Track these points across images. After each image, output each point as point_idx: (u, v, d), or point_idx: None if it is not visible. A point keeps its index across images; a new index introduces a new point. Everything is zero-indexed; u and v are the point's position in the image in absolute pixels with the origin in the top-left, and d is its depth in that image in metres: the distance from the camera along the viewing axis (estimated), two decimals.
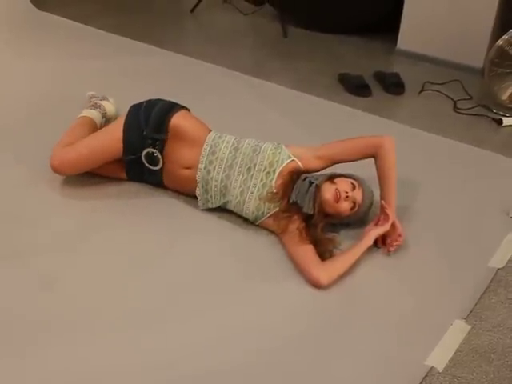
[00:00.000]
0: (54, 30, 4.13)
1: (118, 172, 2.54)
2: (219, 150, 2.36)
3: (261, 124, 3.07)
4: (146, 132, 2.40)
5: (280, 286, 2.13)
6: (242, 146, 2.36)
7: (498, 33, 3.50)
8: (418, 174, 2.71)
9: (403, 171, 2.37)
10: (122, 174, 2.54)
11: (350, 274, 2.16)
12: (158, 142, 2.40)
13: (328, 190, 2.22)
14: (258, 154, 2.33)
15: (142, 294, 2.06)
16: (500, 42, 3.35)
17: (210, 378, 1.78)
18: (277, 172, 2.29)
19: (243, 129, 2.64)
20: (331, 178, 2.27)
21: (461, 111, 3.44)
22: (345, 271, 2.15)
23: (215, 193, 2.35)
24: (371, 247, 2.24)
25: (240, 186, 2.31)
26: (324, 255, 2.18)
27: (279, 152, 2.33)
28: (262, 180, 2.29)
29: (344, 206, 2.23)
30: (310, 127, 3.07)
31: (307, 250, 2.17)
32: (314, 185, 2.23)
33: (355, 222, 2.34)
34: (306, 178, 2.27)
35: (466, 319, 2.03)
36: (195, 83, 3.50)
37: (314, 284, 2.10)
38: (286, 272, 2.17)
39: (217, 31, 4.48)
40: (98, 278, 2.11)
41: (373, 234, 2.24)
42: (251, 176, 2.31)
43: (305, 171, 2.32)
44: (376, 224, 2.28)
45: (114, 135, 2.43)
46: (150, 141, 2.40)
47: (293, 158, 2.33)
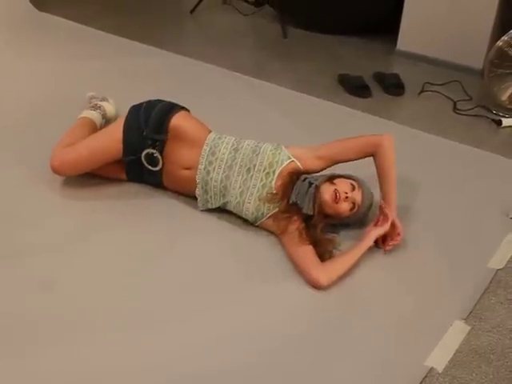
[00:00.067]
0: (54, 31, 4.14)
1: (118, 173, 2.54)
2: (219, 150, 2.36)
3: (261, 125, 3.07)
4: (146, 133, 2.40)
5: (280, 287, 2.13)
6: (241, 147, 2.36)
7: (497, 34, 3.50)
8: (417, 174, 2.71)
9: (403, 172, 2.37)
10: (122, 174, 2.54)
11: (349, 275, 2.16)
12: (157, 143, 2.40)
13: (327, 191, 2.22)
14: (257, 155, 2.33)
15: (141, 294, 2.06)
16: (500, 43, 3.36)
17: (209, 379, 1.78)
18: (276, 173, 2.29)
19: (243, 129, 2.64)
20: (331, 179, 2.27)
21: (460, 112, 3.44)
22: (345, 272, 2.15)
23: (215, 193, 2.35)
24: (371, 247, 2.25)
25: (240, 187, 2.31)
26: (324, 256, 2.18)
27: (279, 153, 2.33)
28: (261, 181, 2.30)
29: (343, 207, 2.23)
30: (310, 128, 3.07)
31: (307, 251, 2.17)
32: (313, 185, 2.23)
33: (355, 222, 2.34)
34: (305, 179, 2.27)
35: (465, 320, 2.03)
36: (195, 84, 3.50)
37: (314, 285, 2.10)
38: (286, 273, 2.17)
39: (217, 32, 4.48)
40: (98, 278, 2.11)
41: (373, 234, 2.24)
42: (251, 177, 2.31)
43: (304, 172, 2.33)
44: (375, 224, 2.28)
45: (113, 136, 2.43)
46: (149, 141, 2.40)
47: (292, 158, 2.33)
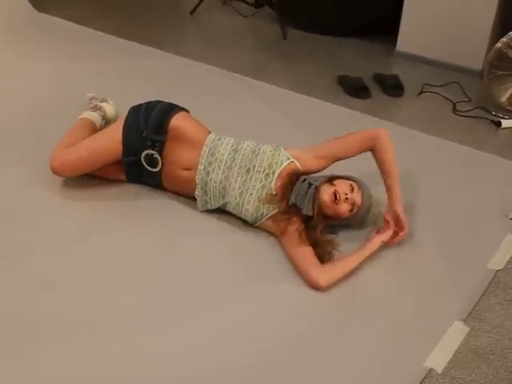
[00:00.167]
0: (53, 32, 4.13)
1: (118, 174, 2.54)
2: (218, 151, 2.36)
3: (260, 125, 3.07)
4: (146, 133, 2.40)
5: (279, 288, 2.13)
6: (241, 148, 2.36)
7: (497, 35, 3.50)
8: (416, 175, 2.71)
9: (402, 173, 2.36)
10: (122, 175, 2.54)
11: (348, 275, 2.16)
12: (157, 144, 2.40)
13: (327, 192, 2.22)
14: (257, 156, 2.33)
15: (141, 294, 2.06)
16: (499, 45, 3.36)
17: (209, 379, 1.78)
18: (276, 173, 2.29)
19: (243, 130, 2.64)
20: (330, 180, 2.27)
21: (460, 113, 3.44)
22: (345, 275, 2.14)
23: (214, 194, 2.35)
24: (374, 253, 2.23)
25: (239, 188, 2.31)
26: (323, 257, 2.18)
27: (278, 154, 2.33)
28: (261, 181, 2.30)
29: (343, 208, 2.23)
30: (310, 129, 3.07)
31: (306, 252, 2.17)
32: (313, 186, 2.23)
33: (354, 223, 2.35)
34: (305, 180, 2.27)
35: (465, 321, 2.04)
36: (195, 85, 3.50)
37: (313, 286, 2.10)
38: (285, 273, 2.17)
39: (216, 33, 4.48)
40: (98, 278, 2.11)
41: (377, 240, 2.24)
42: (250, 177, 2.31)
43: (304, 172, 2.33)
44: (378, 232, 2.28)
45: (113, 137, 2.43)
46: (149, 142, 2.40)
47: (292, 159, 2.33)
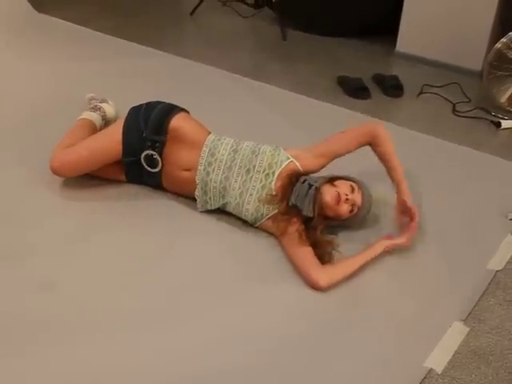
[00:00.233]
0: (53, 32, 4.13)
1: (118, 174, 2.54)
2: (218, 151, 2.36)
3: (260, 126, 3.07)
4: (146, 134, 2.40)
5: (279, 288, 2.13)
6: (240, 148, 2.36)
7: (496, 36, 3.50)
8: (416, 176, 2.70)
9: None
10: (122, 176, 2.54)
11: (350, 277, 2.16)
12: (157, 144, 2.40)
13: (328, 193, 2.22)
14: (256, 156, 2.33)
15: (141, 295, 2.06)
16: (499, 45, 3.36)
17: (209, 379, 1.78)
18: (276, 174, 2.29)
19: (242, 131, 2.64)
20: (331, 181, 2.27)
21: (459, 114, 3.44)
22: (346, 277, 2.14)
23: (214, 194, 2.35)
24: (378, 256, 2.23)
25: (239, 188, 2.31)
26: (323, 257, 2.18)
27: (278, 154, 2.33)
28: (261, 182, 2.30)
29: (344, 209, 2.23)
30: (310, 129, 3.06)
31: (306, 253, 2.17)
32: (313, 187, 2.22)
33: (354, 224, 2.35)
34: (305, 181, 2.26)
35: (464, 321, 2.04)
36: (195, 85, 3.50)
37: (313, 286, 2.10)
38: (285, 274, 2.17)
39: (216, 34, 4.48)
40: (98, 278, 2.11)
41: (382, 244, 2.23)
42: (250, 178, 2.31)
43: (304, 173, 2.33)
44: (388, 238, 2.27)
45: (113, 137, 2.43)
46: (149, 143, 2.40)
47: (291, 159, 2.33)
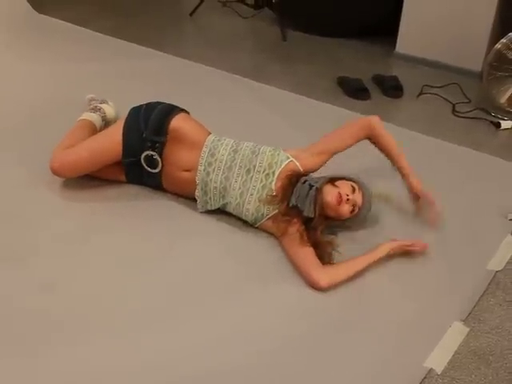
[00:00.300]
0: (52, 33, 4.13)
1: (118, 175, 2.54)
2: (218, 152, 2.36)
3: (260, 127, 3.07)
4: (146, 134, 2.40)
5: (279, 288, 2.13)
6: (240, 149, 2.36)
7: (496, 36, 3.51)
8: (416, 176, 2.71)
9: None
10: (122, 176, 2.54)
11: (351, 279, 2.16)
12: (157, 145, 2.40)
13: (330, 193, 2.22)
14: (256, 156, 2.33)
15: (141, 295, 2.06)
16: (498, 46, 3.36)
17: (210, 379, 1.79)
18: (276, 173, 2.29)
19: (242, 132, 2.64)
20: (332, 181, 2.27)
21: (459, 114, 3.45)
22: (348, 277, 2.13)
23: (214, 194, 2.35)
24: (381, 259, 2.22)
25: (239, 188, 2.31)
26: (323, 258, 2.18)
27: (278, 154, 2.33)
28: (261, 182, 2.30)
29: (345, 209, 2.23)
30: (309, 130, 3.05)
31: (307, 253, 2.17)
32: (314, 188, 2.22)
33: (355, 224, 2.35)
34: (305, 181, 2.26)
35: (464, 321, 2.04)
36: (194, 86, 3.50)
37: (314, 286, 2.10)
38: (286, 274, 2.18)
39: (216, 34, 4.49)
40: (98, 279, 2.11)
41: (387, 246, 2.22)
42: (251, 178, 2.31)
43: (304, 173, 2.33)
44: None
45: (113, 138, 2.43)
46: (149, 143, 2.40)
47: (291, 158, 2.33)
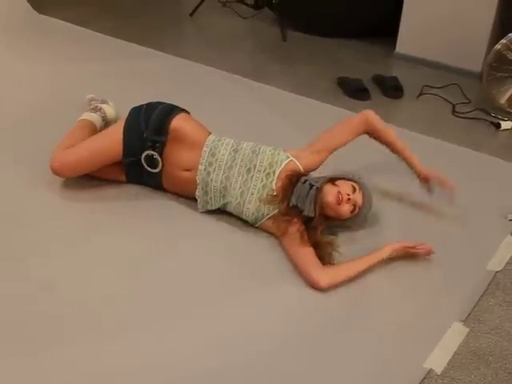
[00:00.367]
0: (52, 33, 4.13)
1: (118, 174, 2.54)
2: (219, 151, 2.36)
3: (260, 127, 3.07)
4: (146, 134, 2.40)
5: (280, 288, 2.13)
6: (241, 148, 2.37)
7: (496, 37, 3.51)
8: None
9: (401, 174, 2.38)
10: (122, 176, 2.54)
11: (352, 279, 2.16)
12: (157, 145, 2.40)
13: (330, 192, 2.22)
14: (257, 155, 2.33)
15: (141, 295, 2.06)
16: (498, 47, 3.36)
17: (210, 379, 1.79)
18: (276, 173, 2.29)
19: (242, 132, 2.65)
20: (332, 180, 2.27)
21: (459, 115, 3.45)
22: (348, 278, 2.13)
23: (215, 194, 2.35)
24: (383, 261, 2.22)
25: (240, 188, 2.31)
26: (323, 258, 2.18)
27: (278, 153, 2.34)
28: (262, 181, 2.30)
29: (345, 209, 2.23)
30: (309, 130, 3.03)
31: (307, 253, 2.17)
32: (314, 187, 2.22)
33: (355, 224, 2.35)
34: (305, 181, 2.26)
35: (464, 322, 2.04)
36: (194, 86, 3.51)
37: (314, 286, 2.10)
38: (286, 274, 2.18)
39: (216, 35, 4.49)
40: (98, 279, 2.12)
41: (389, 248, 2.22)
42: (251, 177, 2.31)
43: (304, 172, 2.33)
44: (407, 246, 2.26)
45: (113, 137, 2.43)
46: (149, 143, 2.40)
47: (291, 158, 2.33)
